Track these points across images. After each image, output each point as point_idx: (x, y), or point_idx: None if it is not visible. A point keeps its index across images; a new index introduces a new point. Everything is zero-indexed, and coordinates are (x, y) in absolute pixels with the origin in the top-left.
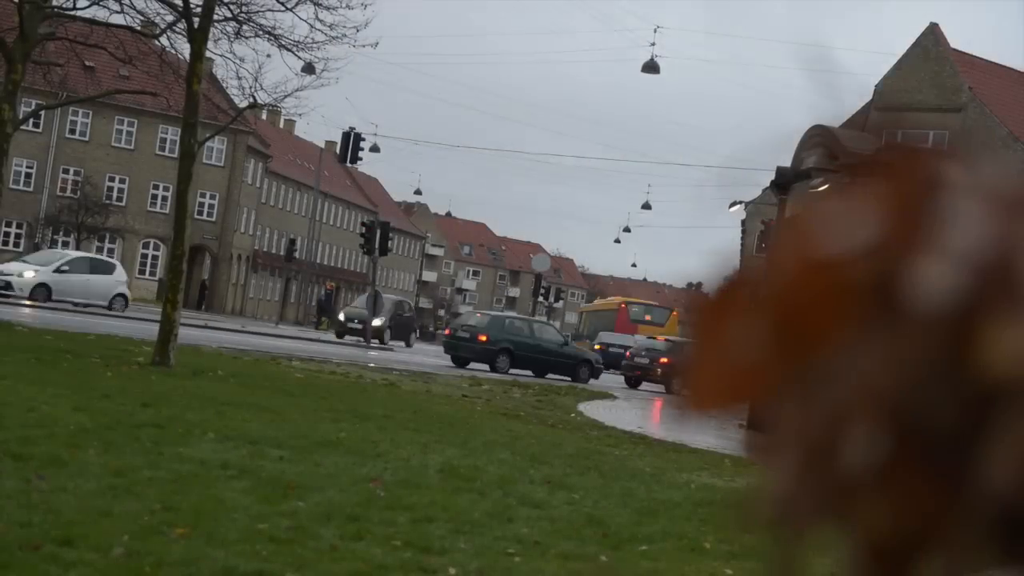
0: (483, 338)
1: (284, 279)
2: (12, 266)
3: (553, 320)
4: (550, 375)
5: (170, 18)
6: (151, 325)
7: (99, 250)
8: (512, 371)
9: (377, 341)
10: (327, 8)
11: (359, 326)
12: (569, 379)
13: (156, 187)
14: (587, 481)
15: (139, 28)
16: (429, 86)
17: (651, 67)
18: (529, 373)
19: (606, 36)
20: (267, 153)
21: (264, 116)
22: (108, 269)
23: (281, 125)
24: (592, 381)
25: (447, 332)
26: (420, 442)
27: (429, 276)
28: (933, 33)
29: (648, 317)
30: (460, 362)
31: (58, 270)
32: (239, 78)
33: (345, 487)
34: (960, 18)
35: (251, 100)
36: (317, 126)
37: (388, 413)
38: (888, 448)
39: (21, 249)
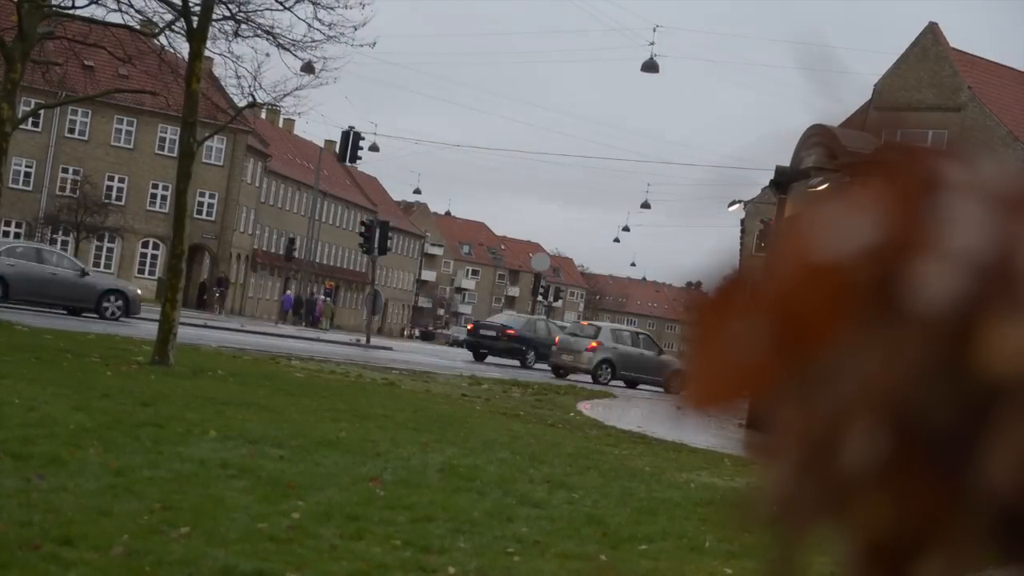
0: None
1: (284, 278)
2: None
3: (552, 319)
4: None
5: (169, 17)
6: (151, 324)
7: (98, 249)
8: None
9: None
10: (325, 7)
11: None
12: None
13: (155, 186)
14: (587, 480)
15: (138, 27)
16: (429, 86)
17: (651, 66)
18: None
19: (606, 35)
20: (266, 152)
21: (263, 115)
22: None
23: (280, 124)
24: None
25: None
26: (420, 441)
27: (428, 275)
28: (932, 32)
29: None
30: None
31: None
32: (238, 77)
33: (345, 486)
34: (960, 17)
35: (250, 99)
36: (316, 125)
37: (388, 413)
38: (888, 448)
39: None
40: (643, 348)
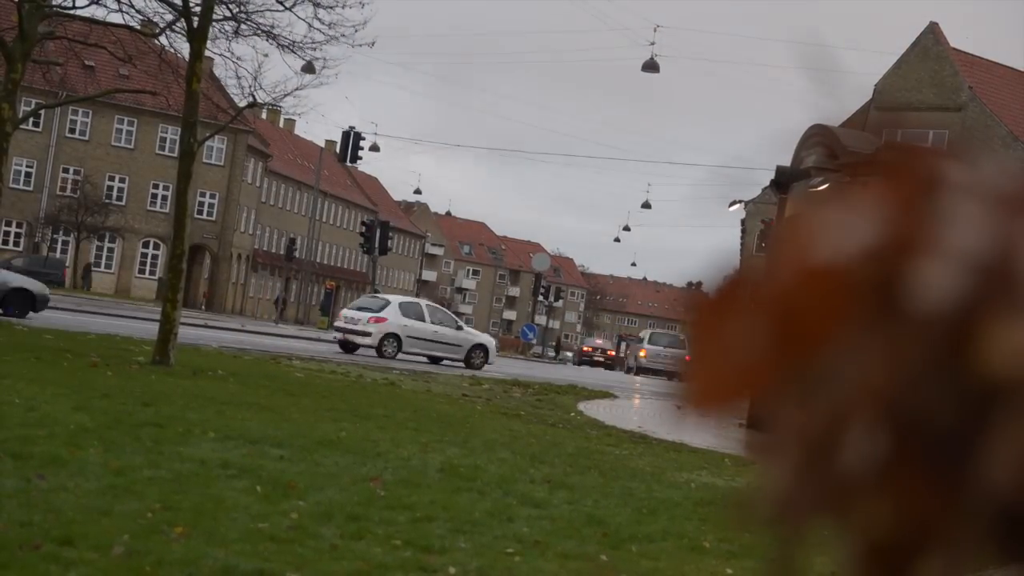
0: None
1: (284, 278)
2: None
3: (553, 320)
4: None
5: (169, 17)
6: (151, 324)
7: (99, 249)
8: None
9: None
10: (325, 7)
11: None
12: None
13: (156, 186)
14: (587, 480)
15: (138, 27)
16: (429, 86)
17: (651, 66)
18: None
19: (606, 35)
20: (267, 152)
21: (264, 115)
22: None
23: (281, 124)
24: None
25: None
26: (420, 441)
27: (429, 275)
28: (933, 32)
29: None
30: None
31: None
32: (238, 77)
33: (345, 486)
34: (960, 17)
35: (251, 99)
36: (317, 125)
37: (388, 412)
38: (887, 447)
39: (21, 248)
40: (438, 324)
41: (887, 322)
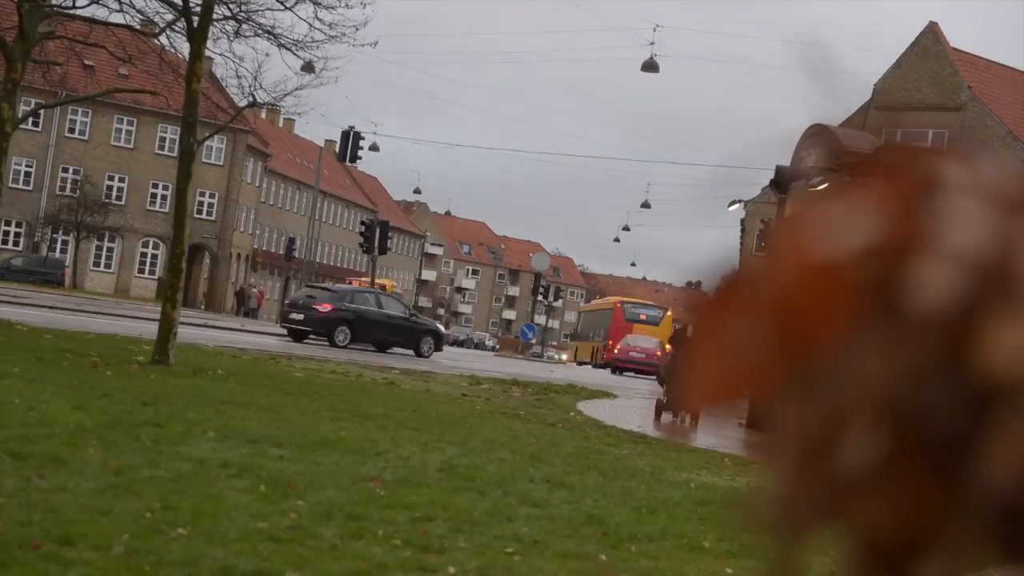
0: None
1: (284, 278)
2: None
3: (553, 319)
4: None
5: (169, 17)
6: (151, 324)
7: (98, 249)
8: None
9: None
10: (326, 7)
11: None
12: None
13: (155, 186)
14: (587, 480)
15: (138, 27)
16: (429, 86)
17: (651, 66)
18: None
19: (606, 35)
20: (266, 152)
21: (263, 115)
22: None
23: (280, 124)
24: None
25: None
26: (420, 441)
27: (428, 275)
28: (932, 32)
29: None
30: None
31: None
32: (238, 77)
33: (345, 486)
34: (960, 17)
35: (250, 99)
36: (316, 125)
37: (388, 412)
38: (887, 447)
39: (20, 248)
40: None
41: (887, 322)
